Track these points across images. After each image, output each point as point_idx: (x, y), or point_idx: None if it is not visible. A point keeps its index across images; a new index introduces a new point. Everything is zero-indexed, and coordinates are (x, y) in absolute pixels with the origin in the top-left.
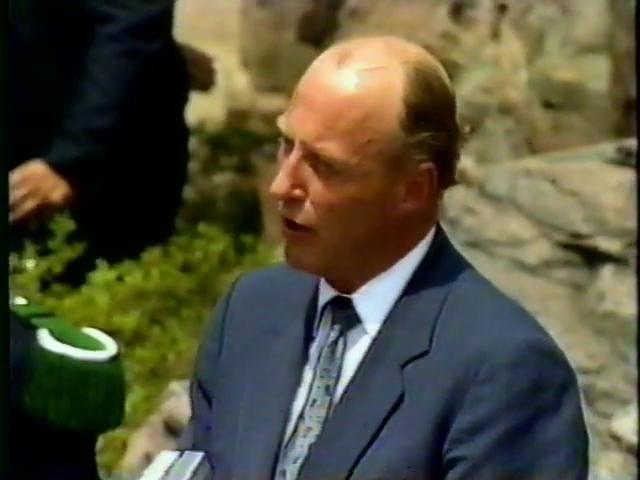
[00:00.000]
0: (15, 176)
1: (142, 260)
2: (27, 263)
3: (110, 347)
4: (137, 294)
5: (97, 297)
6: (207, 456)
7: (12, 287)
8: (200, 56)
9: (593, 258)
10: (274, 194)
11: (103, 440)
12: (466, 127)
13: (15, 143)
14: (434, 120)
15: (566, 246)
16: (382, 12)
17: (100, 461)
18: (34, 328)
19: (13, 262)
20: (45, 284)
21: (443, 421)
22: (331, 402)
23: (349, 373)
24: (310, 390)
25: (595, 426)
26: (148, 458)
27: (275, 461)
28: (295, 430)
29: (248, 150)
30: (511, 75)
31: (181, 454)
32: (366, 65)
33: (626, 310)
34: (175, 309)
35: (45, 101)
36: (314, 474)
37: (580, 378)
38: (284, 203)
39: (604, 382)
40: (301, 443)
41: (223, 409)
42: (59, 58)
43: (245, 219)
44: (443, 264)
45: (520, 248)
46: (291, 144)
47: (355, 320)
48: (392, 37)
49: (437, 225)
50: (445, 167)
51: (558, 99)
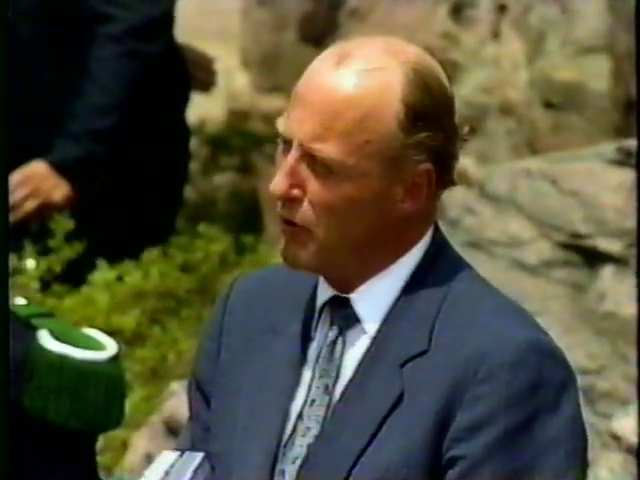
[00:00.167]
0: (16, 176)
1: (142, 260)
2: (27, 263)
3: (110, 347)
4: (137, 294)
5: (97, 297)
6: (207, 456)
7: (12, 287)
8: (201, 56)
9: (593, 258)
10: (272, 194)
11: (103, 440)
12: (465, 128)
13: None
14: (432, 121)
15: (566, 246)
16: (382, 12)
17: (100, 461)
18: (34, 328)
19: (13, 262)
20: (45, 284)
21: (442, 420)
22: (330, 402)
23: (348, 373)
24: (309, 390)
25: (595, 426)
26: (149, 458)
27: (274, 461)
28: (294, 430)
29: (248, 150)
30: (511, 75)
31: (181, 454)
32: (365, 65)
33: (626, 310)
34: (175, 309)
35: (46, 101)
36: (313, 474)
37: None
38: (282, 203)
39: (604, 382)
40: (300, 443)
41: (222, 409)
42: (60, 58)
43: (245, 219)
44: (442, 264)
45: (520, 248)
46: (289, 144)
47: (354, 320)
48: (391, 38)
49: (435, 225)
50: (443, 168)
51: (558, 99)
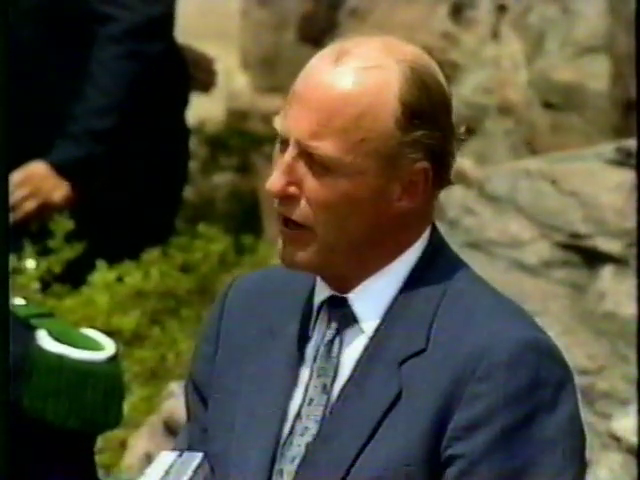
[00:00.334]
0: (16, 177)
1: (142, 260)
2: (27, 263)
3: (109, 347)
4: (137, 294)
5: (97, 297)
6: (206, 456)
7: (12, 287)
8: (201, 57)
9: (593, 258)
10: (269, 191)
11: (103, 440)
12: (462, 127)
13: (16, 144)
14: (429, 119)
15: (566, 246)
16: (382, 12)
17: (100, 461)
18: (33, 328)
19: (13, 262)
20: (45, 284)
21: (441, 419)
22: (328, 401)
23: (346, 372)
24: (307, 389)
25: (595, 426)
26: (148, 458)
27: (273, 461)
28: (292, 429)
29: (248, 150)
30: (511, 75)
31: (181, 454)
32: (362, 63)
33: (626, 310)
34: (175, 309)
35: (46, 101)
36: (311, 473)
37: (580, 378)
38: (279, 201)
39: (604, 382)
40: (298, 442)
41: (220, 410)
42: (60, 59)
43: (245, 219)
44: (440, 263)
45: (520, 249)
46: (286, 142)
47: (351, 319)
48: (389, 37)
49: (433, 225)
50: (440, 166)
51: (558, 99)
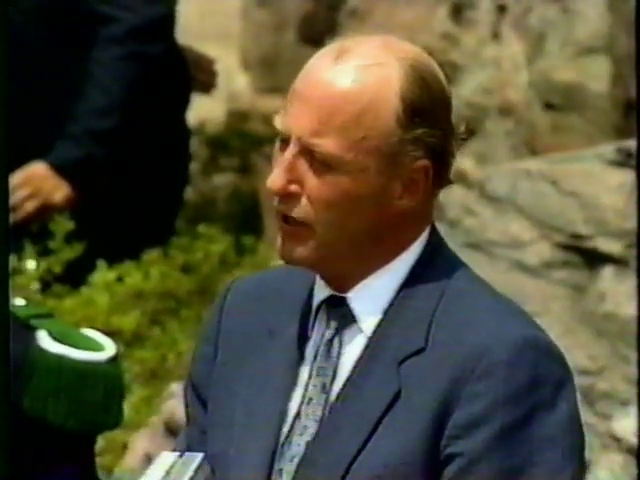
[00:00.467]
0: (16, 177)
1: (142, 261)
2: (27, 264)
3: (109, 348)
4: (137, 295)
5: (97, 298)
6: (207, 457)
7: (12, 288)
8: (201, 57)
9: (593, 259)
10: (269, 189)
11: (103, 441)
12: (461, 126)
13: (16, 144)
14: (430, 117)
15: (566, 247)
16: (382, 13)
17: (100, 462)
18: (33, 329)
19: (13, 263)
20: (45, 285)
21: (440, 418)
22: (327, 400)
23: (345, 371)
24: (306, 389)
25: (595, 427)
26: (148, 459)
27: (272, 460)
28: (292, 429)
29: (248, 151)
30: (511, 76)
31: (181, 455)
32: (363, 61)
33: (626, 311)
34: (175, 310)
35: (46, 102)
36: (311, 472)
37: (580, 379)
38: (280, 198)
39: (604, 383)
40: (298, 442)
41: (219, 411)
42: (61, 59)
43: (245, 220)
44: (439, 263)
45: (520, 249)
46: (287, 141)
47: (350, 318)
48: (389, 36)
49: (432, 225)
50: (441, 165)
51: (558, 100)
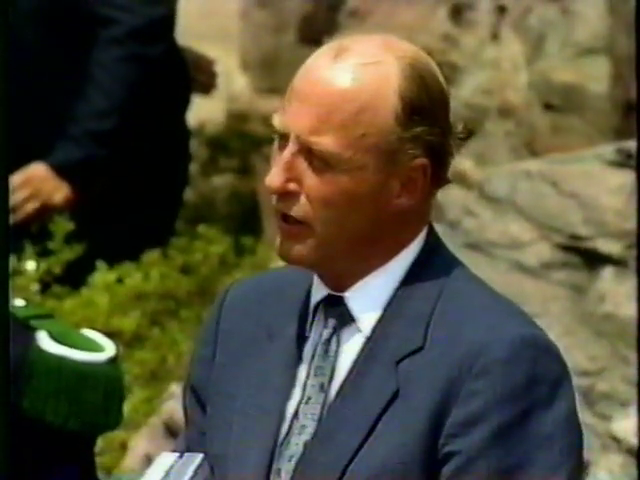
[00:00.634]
0: (16, 178)
1: (142, 262)
2: (27, 265)
3: (109, 349)
4: (137, 296)
5: (97, 298)
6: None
7: (12, 289)
8: (201, 58)
9: (593, 260)
10: (268, 188)
11: (103, 441)
12: (459, 125)
13: (17, 145)
14: (429, 115)
15: (566, 248)
16: (382, 13)
17: (100, 462)
18: (33, 330)
19: (13, 263)
20: (45, 285)
21: (438, 416)
22: (325, 400)
23: (343, 371)
24: (304, 388)
25: (595, 428)
26: (148, 459)
27: (271, 460)
28: (290, 428)
29: (248, 152)
30: (511, 77)
31: (181, 455)
32: (362, 59)
33: (626, 312)
34: (175, 311)
35: (47, 103)
36: (309, 472)
37: (580, 380)
38: (278, 197)
39: (604, 384)
40: (296, 441)
41: (218, 413)
42: (61, 61)
43: (245, 221)
44: (436, 262)
45: (520, 250)
46: (285, 139)
47: (348, 318)
48: (388, 35)
49: (430, 225)
50: (439, 164)
51: (558, 101)
